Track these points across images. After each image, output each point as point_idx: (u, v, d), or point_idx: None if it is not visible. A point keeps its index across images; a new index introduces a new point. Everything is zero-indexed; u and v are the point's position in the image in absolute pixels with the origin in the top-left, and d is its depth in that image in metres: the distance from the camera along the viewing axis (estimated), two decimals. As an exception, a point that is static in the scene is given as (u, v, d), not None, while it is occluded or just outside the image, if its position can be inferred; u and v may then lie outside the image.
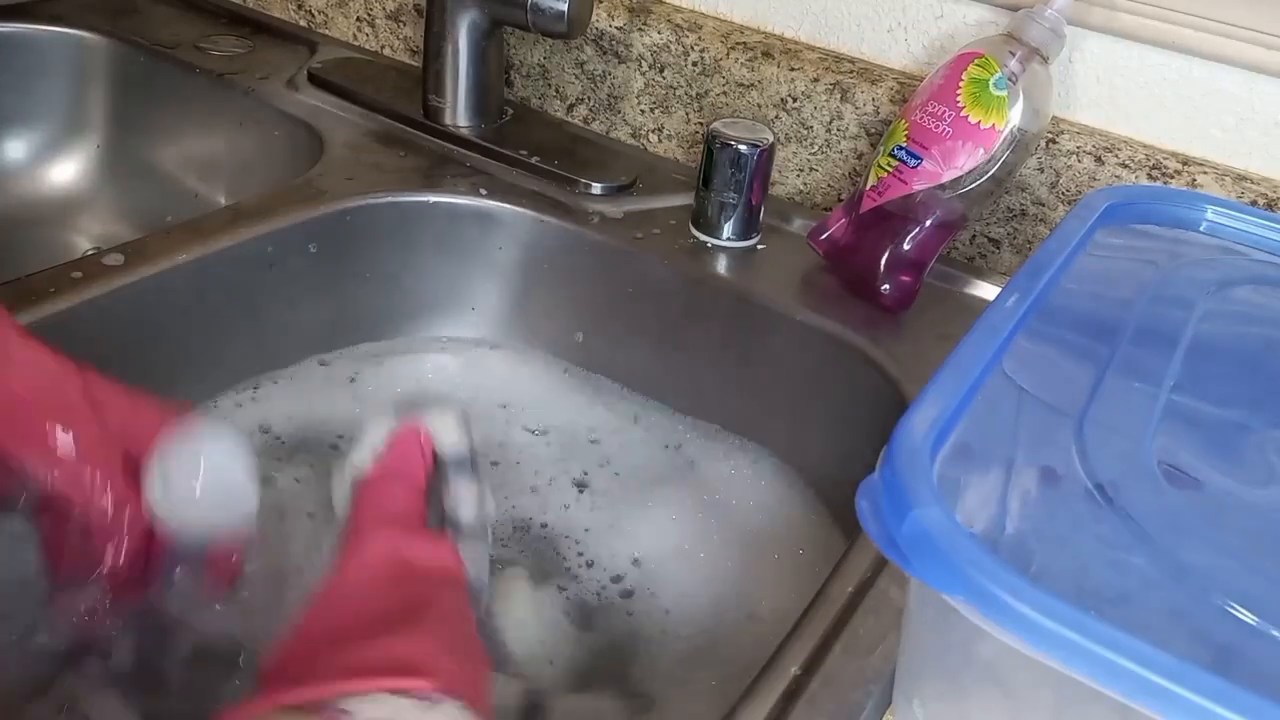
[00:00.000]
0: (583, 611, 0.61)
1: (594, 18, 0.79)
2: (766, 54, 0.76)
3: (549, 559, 0.64)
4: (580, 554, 0.64)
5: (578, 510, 0.67)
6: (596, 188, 0.76)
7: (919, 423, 0.35)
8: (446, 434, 0.47)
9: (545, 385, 0.76)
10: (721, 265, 0.71)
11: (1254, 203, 0.64)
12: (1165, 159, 0.66)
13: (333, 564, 0.42)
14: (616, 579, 0.63)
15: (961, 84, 0.64)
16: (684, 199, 0.76)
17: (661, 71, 0.80)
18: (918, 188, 0.65)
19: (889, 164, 0.66)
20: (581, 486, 0.69)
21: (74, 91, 0.92)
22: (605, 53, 0.81)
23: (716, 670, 0.59)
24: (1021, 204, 0.71)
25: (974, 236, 0.73)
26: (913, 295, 0.67)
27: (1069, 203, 0.69)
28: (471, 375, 0.76)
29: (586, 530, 0.66)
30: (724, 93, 0.78)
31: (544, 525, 0.66)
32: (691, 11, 0.80)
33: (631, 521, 0.66)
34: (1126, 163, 0.67)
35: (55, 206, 0.91)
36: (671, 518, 0.67)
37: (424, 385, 0.75)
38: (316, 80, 0.86)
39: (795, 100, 0.75)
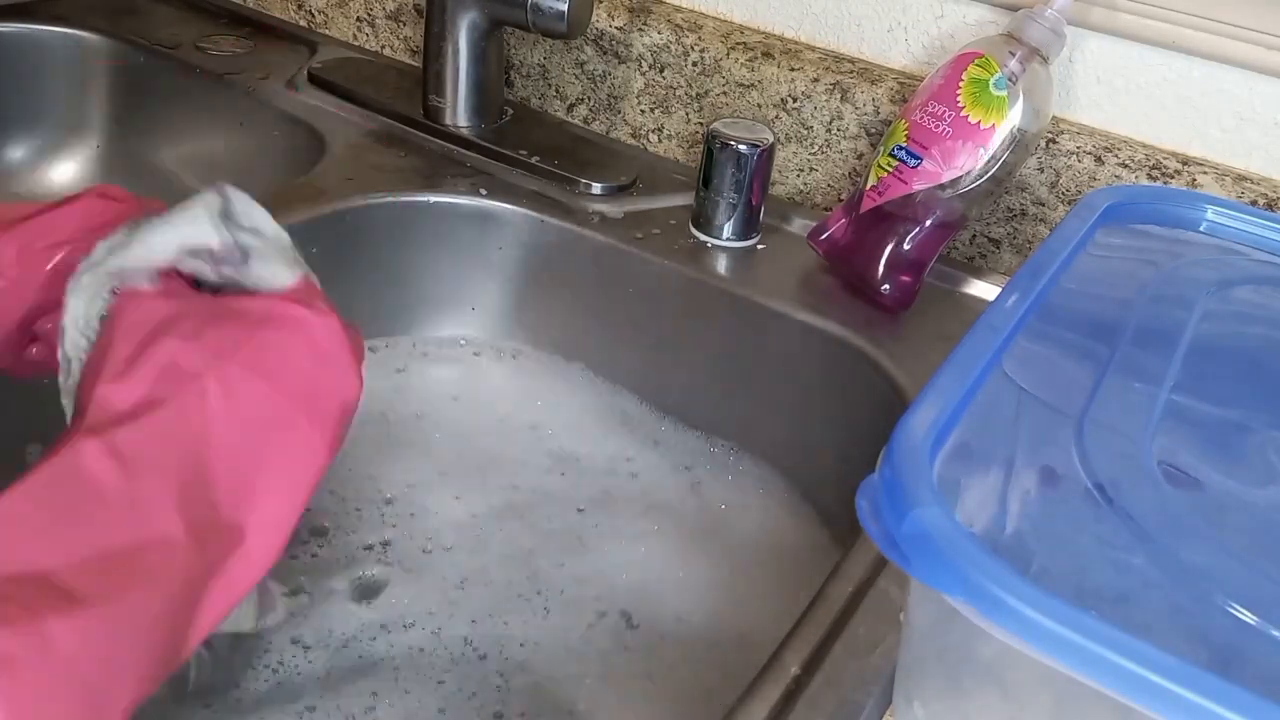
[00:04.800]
0: (583, 631, 0.61)
1: (594, 18, 0.79)
2: (766, 54, 0.76)
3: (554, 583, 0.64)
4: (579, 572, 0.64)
5: (583, 523, 0.67)
6: (596, 188, 0.76)
7: (919, 423, 0.35)
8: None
9: (545, 387, 0.76)
10: (721, 265, 0.71)
11: (1254, 203, 0.64)
12: (1165, 159, 0.66)
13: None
14: (622, 610, 0.63)
15: (961, 84, 0.64)
16: (684, 199, 0.76)
17: (661, 71, 0.80)
18: (918, 188, 0.65)
19: (889, 164, 0.66)
20: (583, 497, 0.69)
21: (74, 91, 0.92)
22: (605, 53, 0.81)
23: (715, 678, 0.59)
24: (1021, 204, 0.71)
25: (974, 236, 0.73)
26: (913, 295, 0.67)
27: (1069, 203, 0.69)
28: (473, 377, 0.76)
29: (594, 554, 0.66)
30: (724, 93, 0.78)
31: (561, 565, 0.65)
32: (691, 11, 0.80)
33: (635, 544, 0.66)
34: (1126, 163, 0.67)
35: (55, 206, 0.91)
36: (673, 539, 0.67)
37: (424, 386, 0.75)
38: (316, 80, 0.86)
39: (795, 100, 0.75)
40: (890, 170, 0.66)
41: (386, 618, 0.59)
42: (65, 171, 0.92)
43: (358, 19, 0.92)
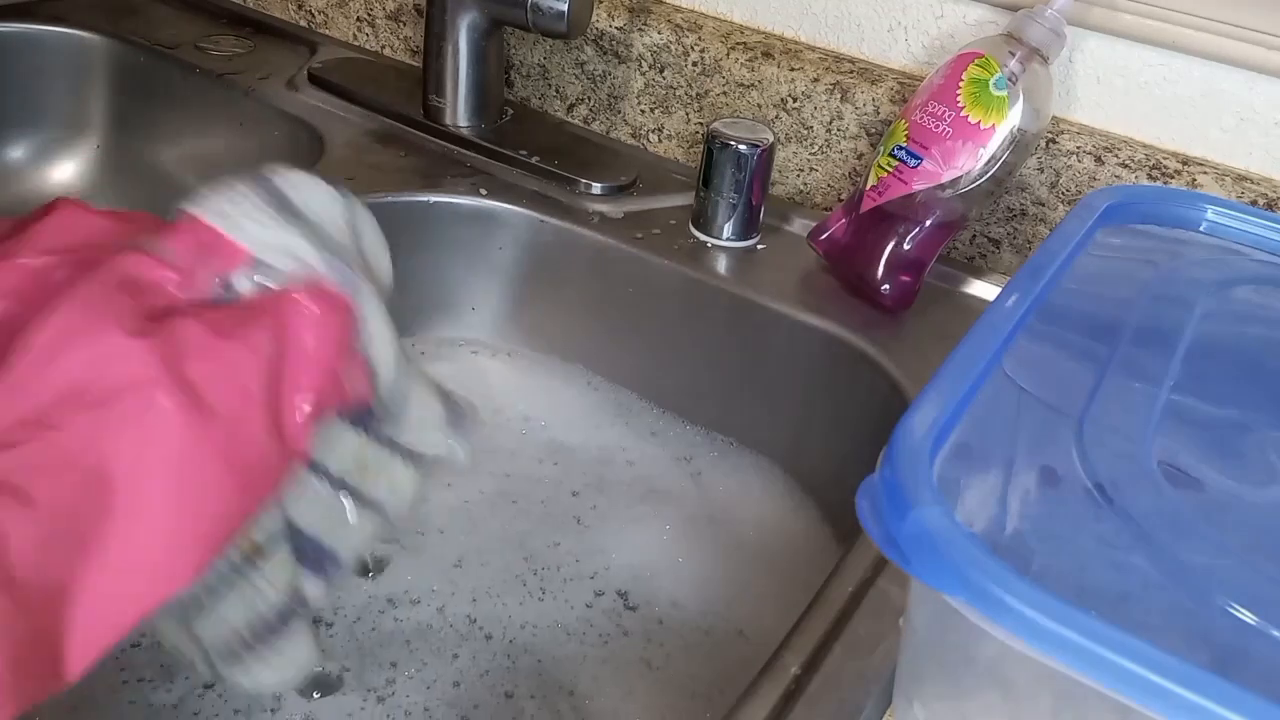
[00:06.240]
0: (584, 621, 0.61)
1: (594, 18, 0.79)
2: (766, 54, 0.76)
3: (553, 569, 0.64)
4: (579, 563, 0.65)
5: (579, 505, 0.67)
6: (596, 188, 0.76)
7: (919, 423, 0.35)
8: None
9: (542, 385, 0.76)
10: (721, 265, 0.71)
11: (1254, 203, 0.64)
12: (1165, 159, 0.66)
13: None
14: (621, 592, 0.63)
15: (961, 84, 0.64)
16: (684, 199, 0.76)
17: (661, 71, 0.80)
18: (918, 188, 0.65)
19: (889, 164, 0.66)
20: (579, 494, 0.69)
21: (74, 91, 0.92)
22: (605, 53, 0.81)
23: (713, 673, 0.59)
24: (1021, 204, 0.71)
25: (974, 236, 0.73)
26: (913, 295, 0.67)
27: (1069, 203, 0.69)
28: (473, 377, 0.76)
29: (589, 538, 0.66)
30: (724, 93, 0.78)
31: (557, 544, 0.65)
32: (691, 11, 0.80)
33: (632, 532, 0.66)
34: (1126, 163, 0.67)
35: (55, 206, 0.91)
36: (672, 528, 0.67)
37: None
38: (316, 80, 0.86)
39: (795, 100, 0.75)
40: (890, 170, 0.66)
41: (392, 592, 0.60)
42: (65, 171, 0.92)
43: (358, 19, 0.92)
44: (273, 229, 0.36)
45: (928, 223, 0.66)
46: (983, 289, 0.71)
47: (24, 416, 0.29)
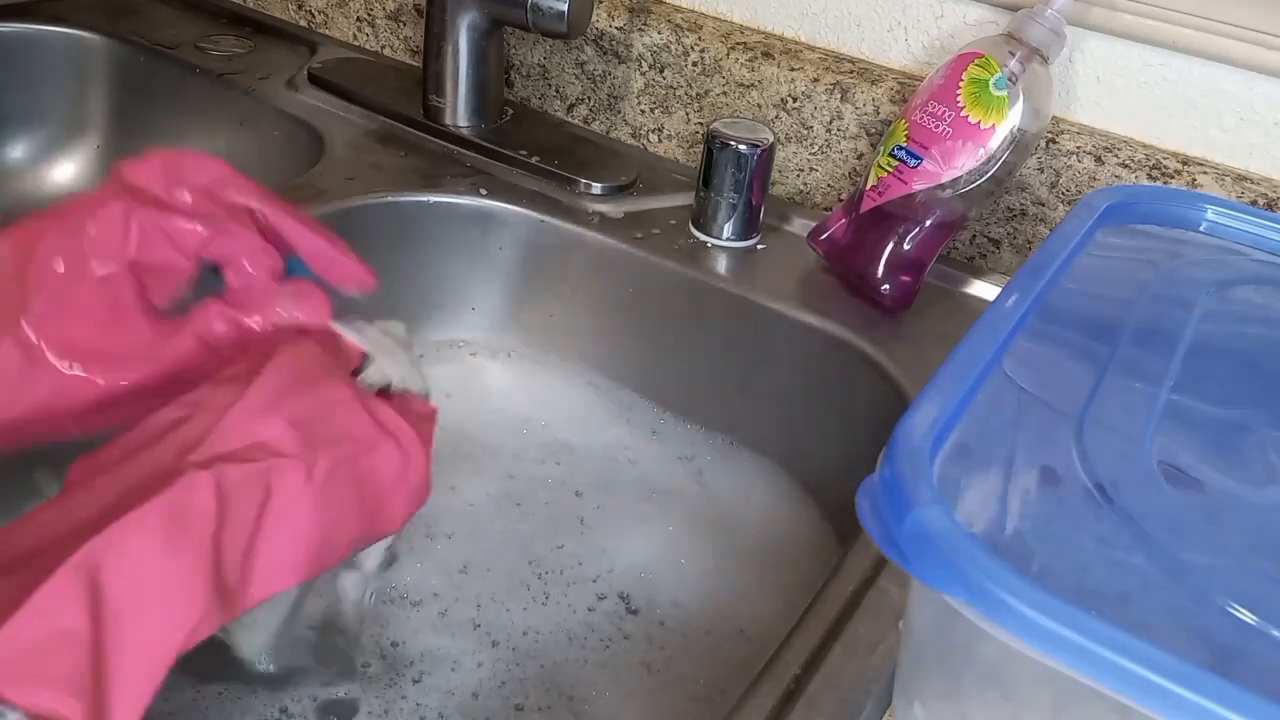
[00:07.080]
0: (587, 623, 0.61)
1: (594, 18, 0.79)
2: (766, 54, 0.76)
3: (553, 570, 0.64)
4: (580, 564, 0.65)
5: (582, 506, 0.67)
6: (596, 188, 0.76)
7: (919, 423, 0.35)
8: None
9: (543, 384, 0.76)
10: (721, 265, 0.71)
11: (1254, 203, 0.64)
12: (1165, 159, 0.66)
13: None
14: (622, 595, 0.63)
15: (961, 84, 0.64)
16: (684, 199, 0.76)
17: (661, 71, 0.80)
18: (918, 188, 0.65)
19: (889, 164, 0.66)
20: (580, 494, 0.69)
21: (74, 91, 0.92)
22: (605, 53, 0.81)
23: (713, 675, 0.59)
24: (1021, 204, 0.71)
25: (974, 236, 0.73)
26: (913, 295, 0.67)
27: (1069, 203, 0.69)
28: (472, 377, 0.76)
29: (591, 539, 0.66)
30: (724, 93, 0.78)
31: (560, 547, 0.65)
32: (691, 11, 0.80)
33: (635, 533, 0.66)
34: (1126, 163, 0.67)
35: (55, 206, 0.91)
36: (675, 529, 0.67)
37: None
38: (316, 80, 0.86)
39: (795, 100, 0.75)
40: (890, 170, 0.66)
41: (399, 598, 0.60)
42: (65, 171, 0.92)
43: (358, 19, 0.92)
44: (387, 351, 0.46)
45: (928, 223, 0.66)
46: (983, 289, 0.71)
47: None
